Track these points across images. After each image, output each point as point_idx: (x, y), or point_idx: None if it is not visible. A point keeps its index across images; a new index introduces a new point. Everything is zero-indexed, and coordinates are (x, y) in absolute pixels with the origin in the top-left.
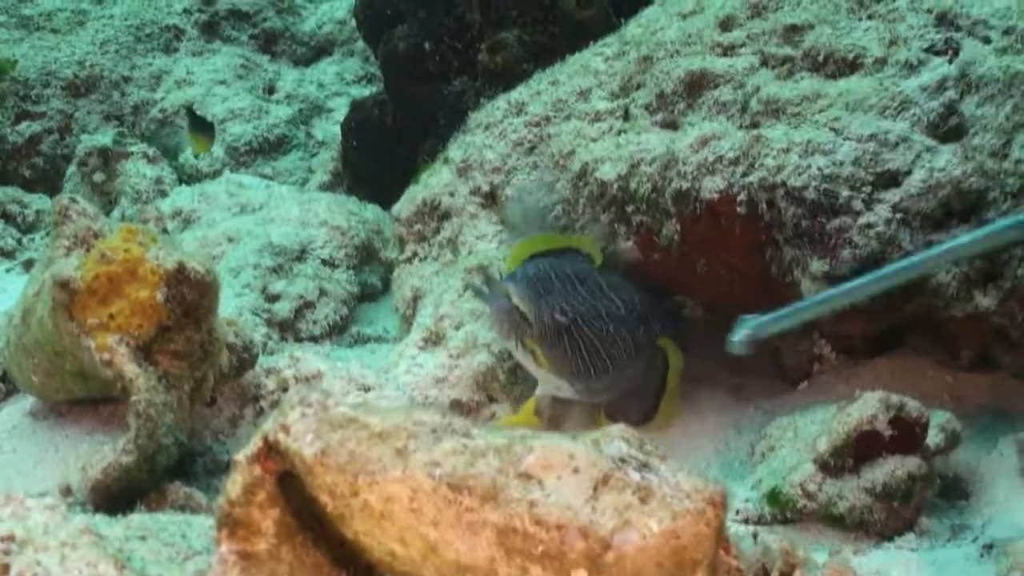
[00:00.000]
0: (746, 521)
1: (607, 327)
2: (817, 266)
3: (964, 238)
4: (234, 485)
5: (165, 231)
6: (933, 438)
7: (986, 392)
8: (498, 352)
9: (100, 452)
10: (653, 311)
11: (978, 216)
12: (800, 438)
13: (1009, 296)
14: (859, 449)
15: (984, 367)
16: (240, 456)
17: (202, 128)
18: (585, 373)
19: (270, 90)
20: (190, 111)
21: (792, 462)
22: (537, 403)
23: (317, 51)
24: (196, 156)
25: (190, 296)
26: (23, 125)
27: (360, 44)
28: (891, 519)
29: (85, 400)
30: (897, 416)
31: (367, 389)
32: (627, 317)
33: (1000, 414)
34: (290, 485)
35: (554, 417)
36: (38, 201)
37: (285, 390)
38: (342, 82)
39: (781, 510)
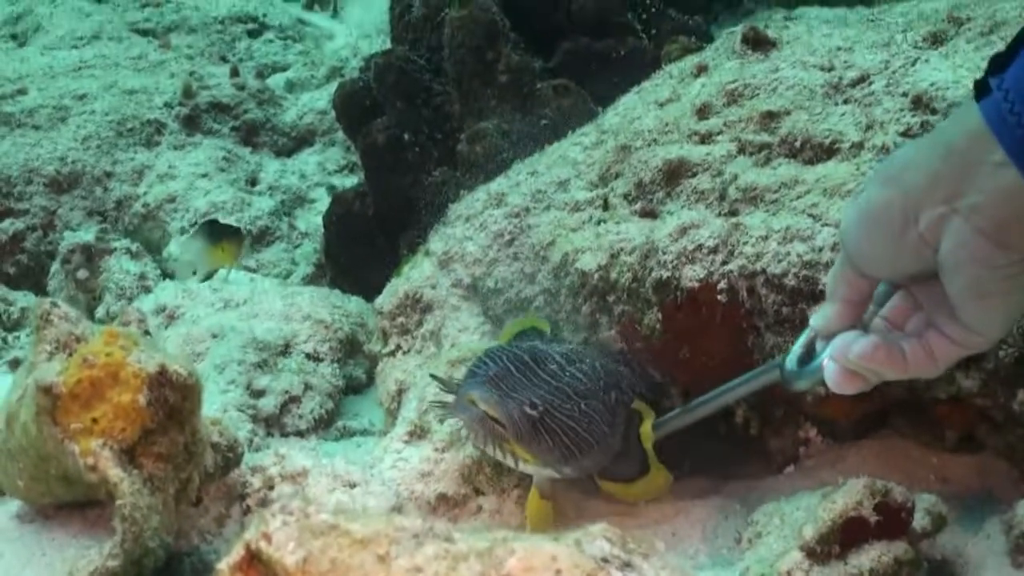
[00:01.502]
0: None
1: (578, 405)
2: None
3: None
4: None
5: (147, 332)
6: (919, 521)
7: (972, 473)
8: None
9: (86, 556)
10: (617, 373)
11: None
12: (787, 524)
13: (992, 378)
14: (845, 535)
15: (969, 448)
16: (223, 565)
17: (228, 236)
18: (571, 456)
19: (252, 182)
20: (213, 222)
21: (779, 549)
22: (539, 489)
23: (298, 141)
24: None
25: (173, 399)
26: (6, 222)
27: (341, 134)
28: None
29: (71, 503)
30: (883, 501)
31: (353, 485)
32: (593, 388)
33: (986, 495)
34: None
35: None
36: (23, 299)
37: (271, 488)
38: (324, 172)
39: None
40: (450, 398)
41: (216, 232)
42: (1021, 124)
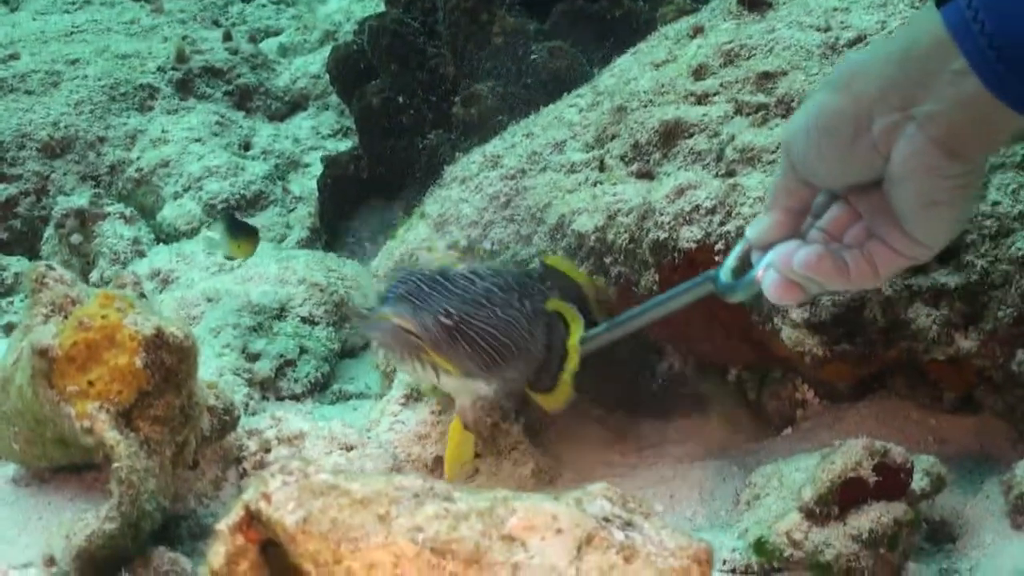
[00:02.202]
0: (733, 571)
1: (494, 312)
2: (797, 313)
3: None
4: (216, 555)
5: (143, 296)
6: (918, 482)
7: (970, 434)
8: (481, 407)
9: (83, 519)
10: (531, 285)
11: (958, 259)
12: (785, 486)
13: (990, 338)
14: (844, 496)
15: (967, 409)
16: (222, 525)
17: (243, 232)
18: (493, 363)
19: (246, 146)
20: (231, 216)
21: (778, 511)
22: (461, 417)
23: (292, 106)
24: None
25: (169, 361)
26: None
27: (335, 98)
28: (878, 566)
29: (67, 467)
30: (881, 462)
31: (350, 448)
32: (508, 297)
33: (985, 456)
34: (273, 554)
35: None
36: (16, 264)
37: (268, 451)
38: (318, 136)
39: (768, 559)
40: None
41: (234, 228)
42: (984, 32)
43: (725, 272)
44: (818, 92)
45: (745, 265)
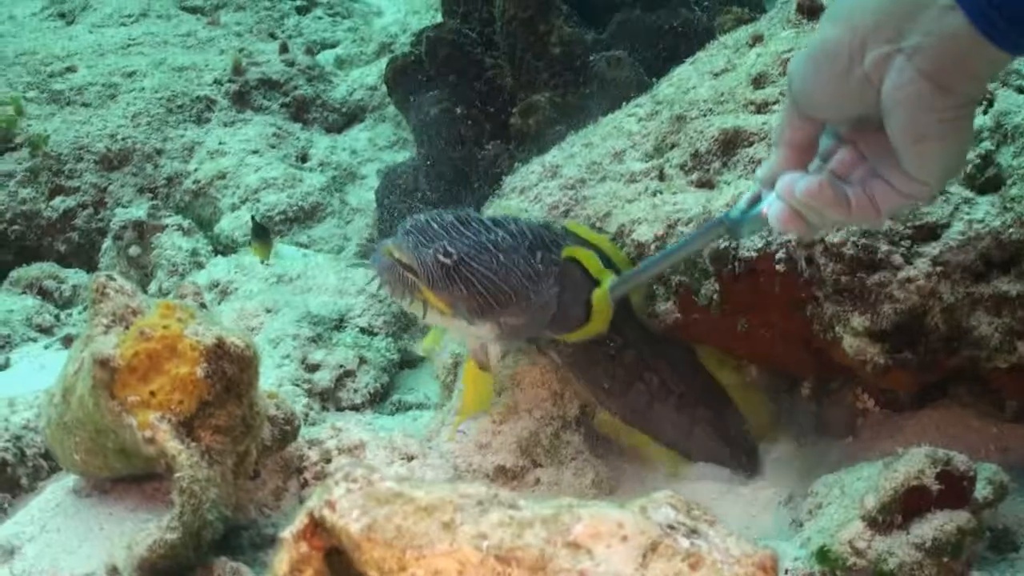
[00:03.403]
0: None
1: (496, 258)
2: (858, 322)
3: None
4: (281, 563)
5: (203, 306)
6: (981, 491)
7: None
8: (540, 417)
9: (145, 530)
10: (546, 237)
11: (1019, 267)
12: (847, 495)
13: None
14: (907, 505)
15: None
16: (286, 533)
17: (262, 235)
18: (487, 307)
19: (303, 158)
20: (253, 221)
21: (840, 519)
22: (475, 357)
23: (349, 118)
24: (262, 262)
25: (230, 371)
26: (57, 200)
27: (391, 109)
28: (942, 574)
29: (128, 477)
30: (944, 470)
31: (410, 458)
32: (517, 246)
33: None
34: (337, 561)
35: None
36: (74, 276)
37: (328, 461)
38: (375, 148)
39: (831, 568)
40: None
41: (257, 232)
42: None
43: (736, 212)
44: (821, 25)
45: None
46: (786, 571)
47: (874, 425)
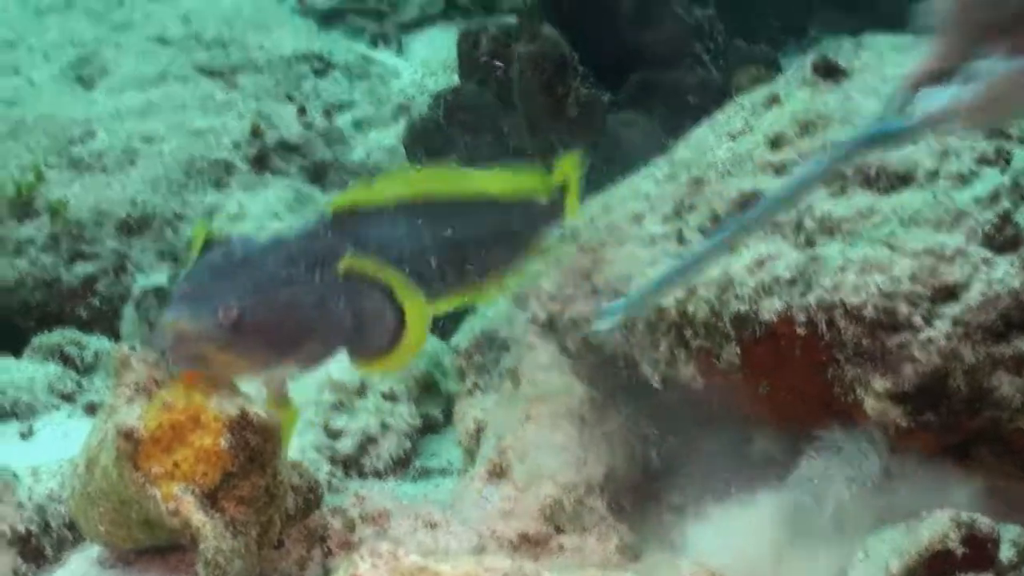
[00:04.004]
0: None
1: (275, 296)
2: (880, 384)
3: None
4: None
5: None
6: (1006, 553)
7: None
8: (563, 483)
9: None
10: (318, 247)
11: None
12: (871, 558)
13: None
14: (932, 569)
15: None
16: None
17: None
18: (283, 351)
19: None
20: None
21: None
22: (275, 397)
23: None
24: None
25: (254, 442)
26: (78, 266)
27: None
28: None
29: (152, 548)
30: (968, 533)
31: (433, 526)
32: (292, 273)
33: None
34: None
35: None
36: (96, 342)
37: (352, 530)
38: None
39: None
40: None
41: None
42: None
43: (895, 121)
44: None
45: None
46: None
47: (897, 488)
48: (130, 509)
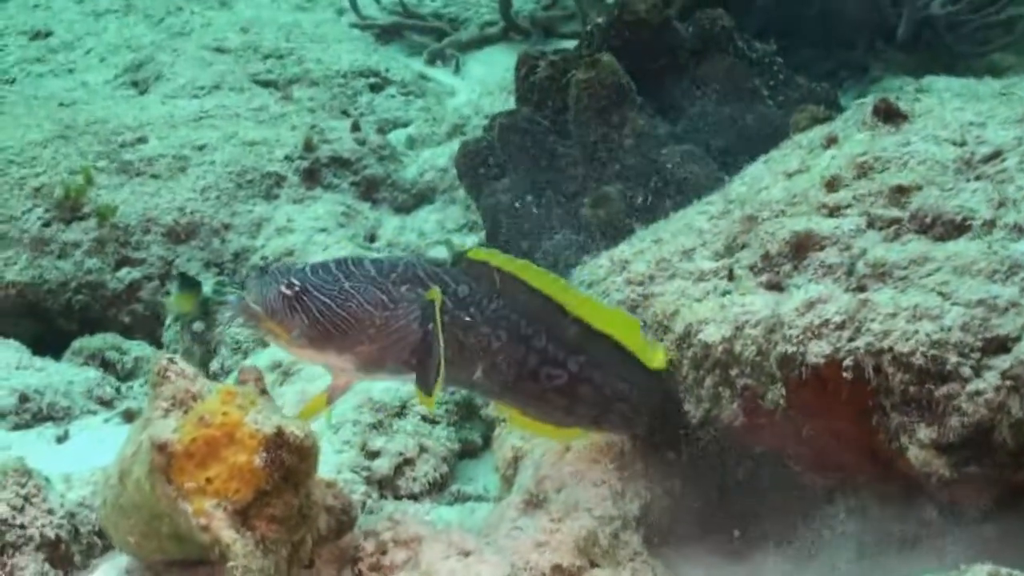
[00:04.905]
0: None
1: (340, 285)
2: (925, 433)
3: None
4: None
5: (264, 392)
6: None
7: None
8: (599, 516)
9: None
10: (426, 272)
11: None
12: None
13: None
14: None
15: None
16: None
17: (189, 287)
18: (327, 335)
19: (371, 238)
20: (181, 275)
21: None
22: (331, 391)
23: (418, 198)
24: (176, 317)
25: (289, 461)
26: (123, 271)
27: (462, 192)
28: None
29: (182, 562)
30: None
31: (467, 553)
32: (374, 277)
33: None
34: None
35: None
36: (137, 348)
37: (384, 553)
38: (443, 230)
39: None
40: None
41: (182, 283)
42: None
43: None
44: None
45: None
46: None
47: (936, 536)
48: (161, 522)
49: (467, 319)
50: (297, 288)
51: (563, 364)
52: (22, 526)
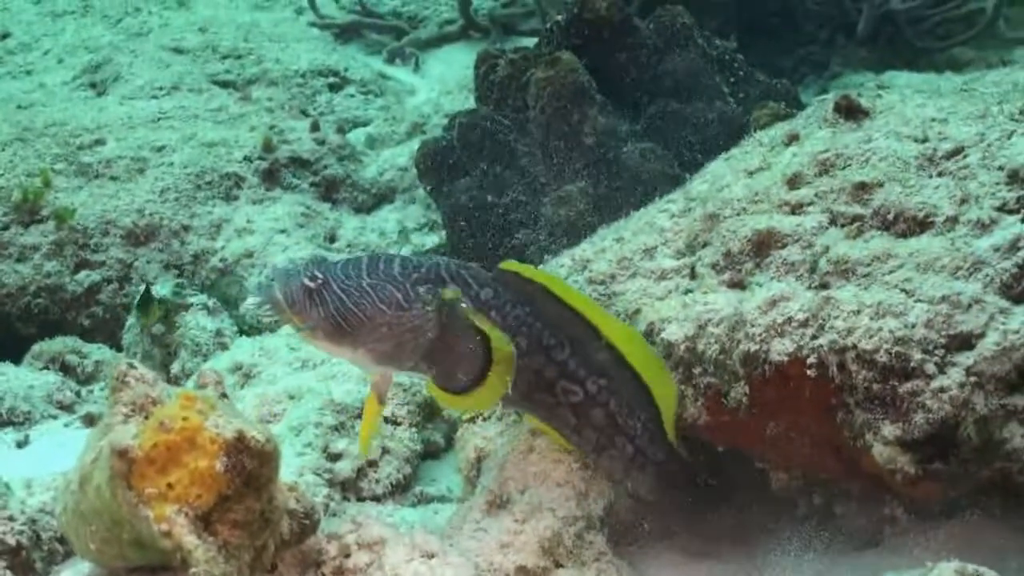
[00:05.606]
0: None
1: (359, 282)
2: (889, 430)
3: None
4: None
5: (224, 396)
6: None
7: None
8: (563, 516)
9: None
10: (449, 273)
11: None
12: None
13: None
14: None
15: None
16: None
17: (149, 303)
18: (341, 329)
19: (331, 238)
20: (147, 289)
21: None
22: (375, 390)
23: (378, 198)
24: (141, 328)
25: (250, 465)
26: (82, 274)
27: (422, 191)
28: None
29: (144, 567)
30: None
31: (431, 555)
32: (395, 276)
33: None
34: None
35: None
36: (97, 351)
37: (347, 556)
38: (403, 230)
39: None
40: None
41: (143, 299)
42: None
43: None
44: None
45: None
46: None
47: (901, 534)
48: (122, 528)
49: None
50: (320, 281)
51: (581, 382)
52: None
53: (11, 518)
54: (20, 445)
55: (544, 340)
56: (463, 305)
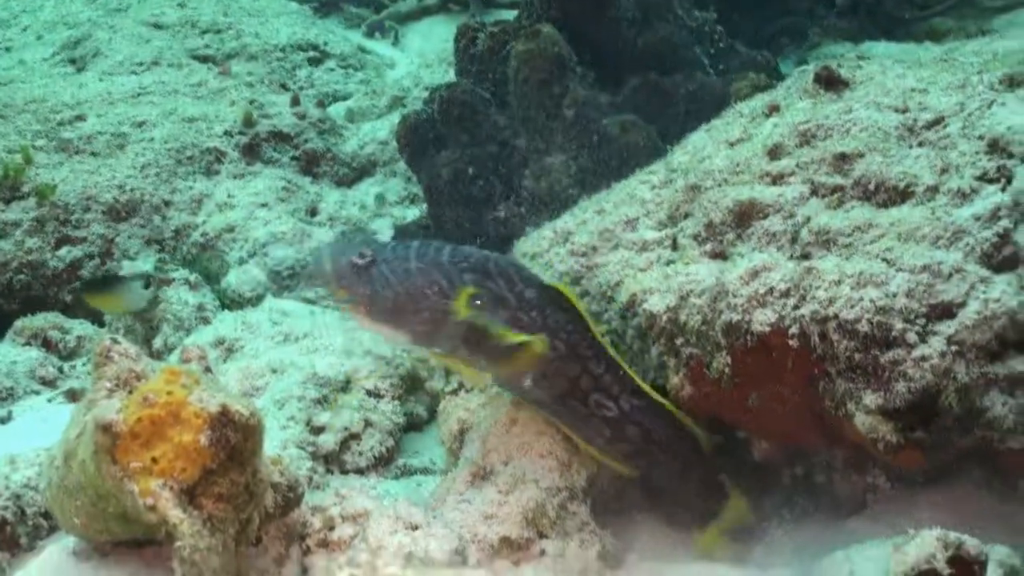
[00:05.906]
0: None
1: (407, 265)
2: (871, 399)
3: None
4: None
5: (208, 370)
6: (993, 574)
7: None
8: (547, 487)
9: None
10: (496, 269)
11: None
12: None
13: None
14: None
15: None
16: None
17: (111, 287)
18: (382, 309)
19: (312, 212)
20: (105, 273)
21: None
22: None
23: (359, 172)
24: (106, 320)
25: (234, 439)
26: (63, 250)
27: (403, 164)
28: None
29: (129, 541)
30: (956, 555)
31: (415, 527)
32: (443, 264)
33: None
34: None
35: None
36: (79, 327)
37: (331, 528)
38: (385, 203)
39: None
40: None
41: (109, 283)
42: None
43: None
44: None
45: None
46: None
47: (885, 502)
48: (107, 503)
49: (526, 320)
50: (369, 259)
51: (615, 398)
52: None
53: None
54: (3, 421)
55: (581, 350)
56: (477, 302)
